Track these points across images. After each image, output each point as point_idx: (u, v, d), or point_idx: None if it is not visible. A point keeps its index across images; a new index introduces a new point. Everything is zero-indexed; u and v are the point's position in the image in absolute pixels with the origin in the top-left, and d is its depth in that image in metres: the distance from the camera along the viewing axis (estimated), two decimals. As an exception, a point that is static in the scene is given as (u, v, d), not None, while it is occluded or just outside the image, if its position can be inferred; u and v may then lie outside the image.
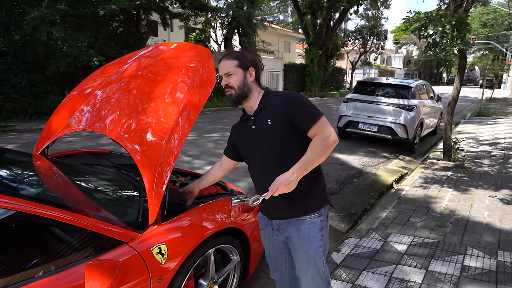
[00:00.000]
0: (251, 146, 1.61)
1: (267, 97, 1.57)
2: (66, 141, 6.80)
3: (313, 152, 1.40)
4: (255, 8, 15.07)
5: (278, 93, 1.59)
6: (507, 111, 14.41)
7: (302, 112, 1.46)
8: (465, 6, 5.19)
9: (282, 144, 1.51)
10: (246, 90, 1.56)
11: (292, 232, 1.59)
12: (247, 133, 1.62)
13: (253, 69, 1.58)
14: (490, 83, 27.61)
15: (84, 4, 10.00)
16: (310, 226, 1.57)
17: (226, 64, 1.56)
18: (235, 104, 1.57)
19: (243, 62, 1.55)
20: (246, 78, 1.56)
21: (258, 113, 1.56)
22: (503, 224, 3.42)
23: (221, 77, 1.58)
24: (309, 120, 1.44)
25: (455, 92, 5.71)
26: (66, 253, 1.38)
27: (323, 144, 1.39)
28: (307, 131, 1.45)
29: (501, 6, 29.36)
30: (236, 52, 1.60)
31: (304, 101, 1.50)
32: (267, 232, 1.73)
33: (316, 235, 1.57)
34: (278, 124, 1.49)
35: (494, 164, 5.78)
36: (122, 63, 2.51)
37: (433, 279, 2.47)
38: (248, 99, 1.57)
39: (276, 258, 1.77)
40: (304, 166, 1.38)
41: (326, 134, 1.40)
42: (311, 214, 1.57)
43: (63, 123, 2.32)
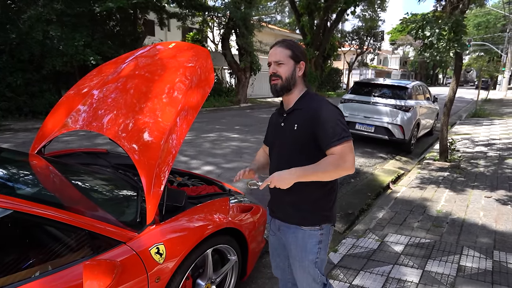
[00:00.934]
0: (275, 140, 1.62)
1: (305, 99, 1.53)
2: (63, 140, 6.76)
3: (321, 167, 1.35)
4: (252, 8, 15.04)
5: (316, 99, 1.51)
6: (502, 112, 14.52)
7: (329, 128, 1.39)
8: (461, 8, 5.22)
9: (298, 152, 1.49)
10: (292, 84, 1.51)
11: (290, 238, 1.58)
12: (276, 126, 1.62)
13: (304, 64, 1.53)
14: (485, 84, 27.81)
15: (81, 3, 9.94)
16: (309, 237, 1.55)
17: (278, 52, 1.50)
18: (278, 95, 1.53)
19: (296, 54, 1.50)
20: (295, 71, 1.51)
21: (291, 113, 1.54)
22: (498, 225, 3.45)
23: (269, 64, 1.53)
24: (333, 139, 1.37)
25: (451, 93, 5.75)
26: (63, 253, 1.37)
27: (335, 167, 1.34)
28: (327, 148, 1.39)
29: (495, 8, 29.57)
30: (291, 42, 1.53)
31: (335, 118, 1.41)
32: (271, 228, 1.74)
33: (314, 247, 1.55)
34: (302, 133, 1.47)
35: (490, 165, 5.83)
36: (119, 63, 2.50)
37: (429, 279, 2.49)
38: (290, 93, 1.53)
39: (279, 254, 1.76)
40: (305, 174, 1.35)
41: (343, 159, 1.34)
42: (312, 227, 1.54)
43: (59, 123, 2.31)
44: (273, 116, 1.71)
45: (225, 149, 6.77)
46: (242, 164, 5.65)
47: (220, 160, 5.86)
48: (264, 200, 4.10)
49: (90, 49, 9.74)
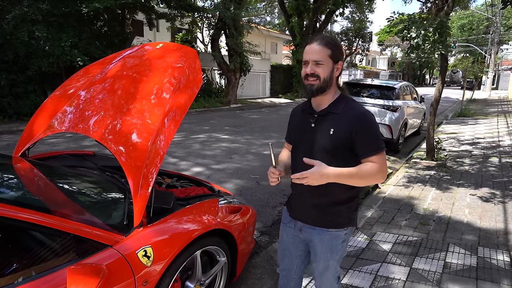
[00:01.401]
0: (302, 140, 1.53)
1: (341, 103, 1.46)
2: (48, 142, 6.64)
3: (361, 172, 1.34)
4: (242, 9, 15.06)
5: (355, 106, 1.46)
6: (486, 111, 14.86)
7: (370, 137, 1.39)
8: (446, 9, 5.33)
9: (329, 156, 1.43)
10: (329, 85, 1.44)
11: (316, 239, 1.57)
12: (304, 126, 1.53)
13: (341, 64, 1.46)
14: (470, 85, 28.41)
15: (67, 3, 9.78)
16: (334, 238, 1.55)
17: (318, 51, 1.39)
18: (312, 95, 1.45)
19: (335, 53, 1.41)
20: (333, 71, 1.43)
21: (324, 115, 1.46)
22: (483, 222, 3.53)
23: (306, 62, 1.42)
24: (373, 149, 1.38)
25: (437, 93, 5.86)
26: (48, 257, 1.34)
27: (372, 176, 1.35)
28: (364, 157, 1.39)
29: (478, 10, 30.26)
30: (331, 40, 1.43)
31: (376, 127, 1.42)
32: (288, 227, 1.69)
33: (338, 246, 1.56)
34: (339, 138, 1.41)
35: (475, 163, 5.96)
36: (107, 63, 2.47)
37: (416, 276, 2.52)
38: (325, 94, 1.45)
39: (291, 253, 1.72)
40: (343, 177, 1.33)
41: (381, 168, 1.37)
42: (338, 229, 1.54)
43: (44, 124, 2.27)
44: (297, 113, 1.62)
45: (215, 150, 6.75)
46: (232, 165, 5.65)
47: (209, 161, 5.85)
48: (254, 201, 4.13)
49: (77, 49, 9.59)
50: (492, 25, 28.29)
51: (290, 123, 1.68)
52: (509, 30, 33.46)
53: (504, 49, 43.05)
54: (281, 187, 4.61)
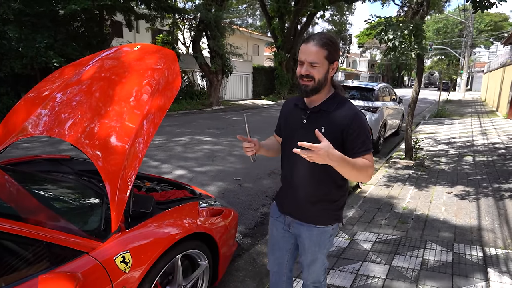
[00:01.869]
0: (293, 135, 1.52)
1: (334, 101, 1.46)
2: (23, 147, 6.41)
3: (357, 164, 1.34)
4: (223, 10, 15.04)
5: (348, 105, 1.46)
6: (461, 112, 15.42)
7: (361, 138, 1.41)
8: (421, 13, 5.50)
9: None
10: (324, 85, 1.44)
11: (304, 234, 1.61)
12: (296, 121, 1.54)
13: (337, 64, 1.44)
14: (446, 86, 29.39)
15: (41, 2, 9.48)
16: (322, 233, 1.59)
17: (314, 52, 1.37)
18: (307, 96, 1.45)
19: (332, 54, 1.40)
20: (328, 72, 1.42)
21: (317, 112, 1.47)
22: (458, 219, 3.65)
23: (301, 62, 1.40)
24: (364, 148, 1.41)
25: (415, 94, 6.02)
26: (20, 267, 1.29)
27: (366, 169, 1.37)
28: (356, 156, 1.39)
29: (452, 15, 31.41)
30: (327, 40, 1.39)
31: (367, 127, 1.45)
32: (277, 221, 1.71)
33: (325, 240, 1.61)
34: (329, 136, 1.37)
35: (451, 162, 6.16)
36: (83, 65, 2.40)
37: (396, 274, 2.58)
38: (319, 93, 1.45)
39: (280, 248, 1.75)
40: (345, 162, 1.29)
41: (371, 166, 1.40)
42: (326, 226, 1.58)
43: (17, 128, 2.18)
44: (289, 108, 1.62)
45: (197, 152, 6.69)
46: (214, 168, 5.61)
47: (192, 164, 5.79)
48: (236, 203, 4.12)
49: (53, 50, 9.32)
50: (465, 28, 29.43)
51: (281, 116, 1.67)
52: (481, 33, 34.91)
53: (477, 52, 44.90)
54: (263, 189, 4.62)
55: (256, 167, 5.56)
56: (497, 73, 17.36)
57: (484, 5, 4.58)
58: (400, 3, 7.28)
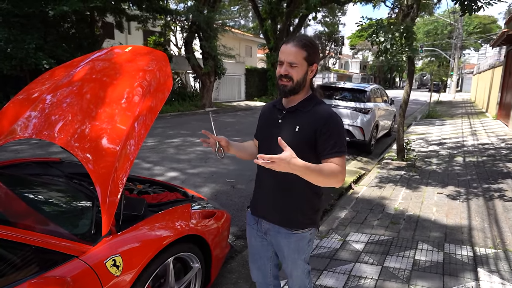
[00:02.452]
0: (268, 134, 1.53)
1: (311, 102, 1.47)
2: (12, 149, 6.30)
3: (324, 170, 1.31)
4: (215, 12, 15.02)
5: (323, 107, 1.46)
6: (452, 113, 15.63)
7: (333, 139, 1.38)
8: (411, 15, 5.56)
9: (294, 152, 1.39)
10: (302, 86, 1.44)
11: (282, 242, 1.57)
12: (272, 121, 1.54)
13: (316, 66, 1.45)
14: (437, 87, 29.78)
15: (31, 3, 9.36)
16: (300, 240, 1.55)
17: (293, 53, 1.38)
18: (285, 96, 1.46)
19: (311, 56, 1.41)
20: (307, 73, 1.43)
21: (292, 112, 1.47)
22: (449, 219, 3.69)
23: (281, 63, 1.41)
24: (334, 150, 1.37)
25: (406, 95, 6.09)
26: (7, 272, 1.26)
27: (334, 176, 1.32)
28: (324, 158, 1.38)
29: (442, 17, 31.87)
30: (307, 41, 1.41)
31: (341, 129, 1.43)
32: (254, 230, 1.67)
33: (304, 246, 1.57)
34: (303, 136, 1.42)
35: (441, 163, 6.23)
36: (74, 66, 2.38)
37: (388, 274, 2.60)
38: (297, 94, 1.46)
39: (261, 257, 1.70)
40: (309, 170, 1.26)
41: (341, 171, 1.35)
42: (303, 230, 1.54)
43: (5, 130, 2.14)
44: (267, 109, 1.63)
45: (190, 154, 6.66)
46: (207, 169, 5.59)
47: (184, 166, 5.76)
48: (229, 205, 4.10)
49: (43, 52, 9.21)
50: (455, 31, 29.88)
51: (259, 120, 1.68)
52: (470, 35, 35.48)
53: (467, 54, 45.61)
54: (257, 190, 4.62)
55: (249, 168, 5.56)
56: (486, 74, 17.66)
57: (472, 8, 4.66)
58: (391, 5, 7.36)
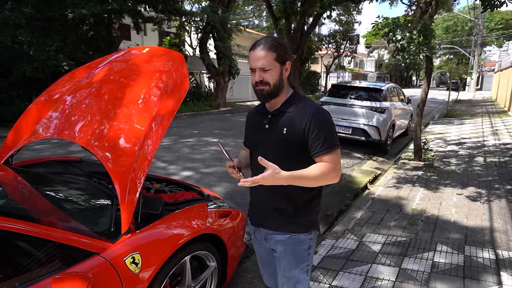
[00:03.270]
0: (257, 141, 1.49)
1: (293, 101, 1.43)
2: (34, 149, 6.51)
3: (312, 173, 1.30)
4: (230, 12, 15.09)
5: (307, 103, 1.42)
6: (471, 112, 15.19)
7: (322, 134, 1.35)
8: (430, 12, 5.44)
9: (286, 156, 1.39)
10: (280, 88, 1.40)
11: (279, 245, 1.50)
12: (258, 127, 1.49)
13: (289, 63, 1.40)
14: (455, 86, 29.02)
15: (52, 7, 9.64)
16: (298, 243, 1.48)
17: (262, 56, 1.34)
18: (266, 101, 1.42)
19: (281, 55, 1.37)
20: (282, 73, 1.39)
21: (277, 115, 1.43)
22: (469, 220, 3.59)
23: (253, 70, 1.38)
24: (325, 147, 1.34)
25: (423, 94, 5.96)
26: (33, 267, 1.31)
27: (325, 175, 1.32)
28: (316, 156, 1.36)
29: (461, 13, 31.03)
30: (273, 42, 1.37)
31: (329, 124, 1.39)
32: (256, 238, 1.63)
33: (304, 253, 1.49)
34: (291, 138, 1.38)
35: (461, 163, 6.07)
36: (93, 68, 2.44)
37: (405, 276, 2.55)
38: (278, 96, 1.41)
39: (270, 263, 1.64)
40: (296, 179, 1.28)
41: (334, 167, 1.34)
42: (301, 234, 1.47)
43: (29, 130, 2.22)
44: (252, 115, 1.59)
45: (204, 153, 6.72)
46: (221, 169, 5.62)
47: (199, 165, 5.81)
48: (244, 204, 4.11)
49: (63, 54, 9.45)
50: (475, 27, 29.03)
51: (246, 128, 1.63)
52: (491, 32, 34.39)
53: (487, 51, 44.24)
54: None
55: (264, 168, 5.55)
56: (509, 72, 17.07)
57: (494, 4, 4.51)
58: (408, 2, 7.21)
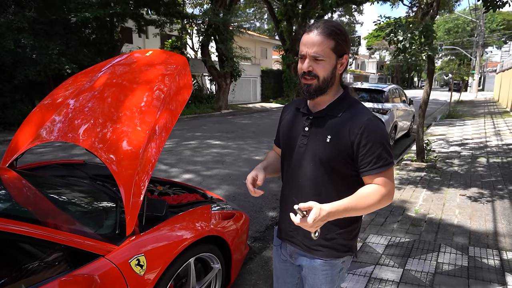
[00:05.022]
0: (293, 145, 1.27)
1: (343, 105, 1.20)
2: (37, 152, 6.54)
3: (363, 202, 1.11)
4: (231, 14, 15.16)
5: (359, 110, 1.18)
6: (473, 113, 15.16)
7: (375, 150, 1.12)
8: (431, 13, 5.44)
9: (323, 168, 1.19)
10: (330, 84, 1.17)
11: (308, 268, 1.33)
12: (296, 128, 1.27)
13: (347, 57, 1.17)
14: (457, 87, 28.99)
15: (54, 11, 9.71)
16: (330, 268, 1.30)
17: (318, 43, 1.10)
18: (310, 97, 1.19)
19: (341, 46, 1.13)
20: (336, 68, 1.16)
21: (321, 118, 1.20)
22: (473, 221, 3.58)
23: (302, 56, 1.14)
24: (378, 164, 1.12)
25: (425, 95, 5.95)
26: (39, 269, 1.32)
27: (379, 201, 1.12)
28: (366, 175, 1.15)
29: (463, 14, 31.02)
30: (334, 28, 1.12)
31: (383, 138, 1.15)
32: (278, 252, 1.45)
33: (335, 276, 1.32)
34: (336, 149, 1.16)
35: (463, 164, 6.05)
36: (96, 72, 2.46)
37: (409, 277, 2.54)
38: (325, 94, 1.19)
39: (286, 282, 1.47)
40: (343, 211, 1.09)
41: (387, 191, 1.13)
42: (334, 259, 1.29)
43: (32, 134, 2.23)
44: (290, 112, 1.35)
45: (206, 156, 6.73)
46: (223, 171, 5.63)
47: (200, 168, 5.82)
48: (246, 206, 4.12)
49: (65, 57, 9.51)
50: (477, 28, 29.00)
51: (280, 123, 1.40)
52: (493, 33, 34.33)
53: (489, 52, 44.19)
54: (274, 192, 4.62)
55: (266, 170, 5.56)
56: (511, 72, 17.03)
57: (496, 4, 4.52)
58: (410, 3, 7.22)
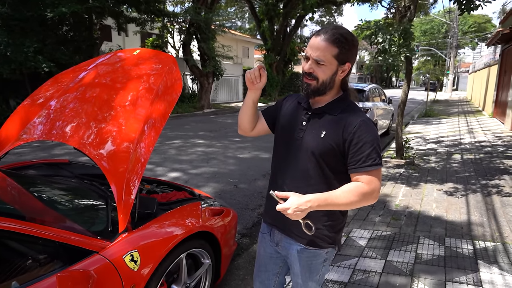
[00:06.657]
0: (290, 136, 1.33)
1: (340, 104, 1.28)
2: (15, 152, 6.33)
3: (345, 197, 1.16)
4: (213, 13, 15.10)
5: (354, 111, 1.26)
6: (448, 112, 15.77)
7: (365, 149, 1.18)
8: (408, 16, 5.65)
9: (316, 160, 1.25)
10: (328, 88, 1.24)
11: (293, 256, 1.38)
12: (295, 121, 1.34)
13: (349, 65, 1.23)
14: (433, 86, 30.02)
15: (30, 7, 9.39)
16: (314, 257, 1.36)
17: (321, 48, 1.17)
18: (308, 96, 1.28)
19: (343, 54, 1.19)
20: (336, 74, 1.23)
21: (319, 114, 1.28)
22: (449, 214, 3.77)
23: (307, 57, 1.22)
24: (365, 163, 1.18)
25: (404, 95, 6.17)
26: (34, 266, 1.33)
27: (361, 198, 1.17)
28: (353, 172, 1.21)
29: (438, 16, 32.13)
30: (340, 36, 1.18)
31: (375, 139, 1.20)
32: (267, 239, 1.49)
33: (318, 266, 1.38)
34: (328, 145, 1.23)
35: (440, 160, 6.32)
36: (78, 72, 2.42)
37: (391, 268, 2.67)
38: (323, 95, 1.27)
39: (267, 270, 1.52)
40: (325, 204, 1.14)
41: (371, 190, 1.18)
42: (319, 249, 1.35)
43: (14, 135, 2.19)
44: (291, 103, 1.41)
45: (191, 155, 6.72)
46: (209, 170, 5.65)
47: (186, 166, 5.82)
48: (233, 204, 4.16)
49: (42, 55, 9.22)
50: (450, 30, 30.12)
51: (280, 110, 1.44)
52: (465, 34, 35.76)
53: (462, 53, 45.98)
54: (259, 189, 4.69)
55: (251, 168, 5.63)
56: (482, 73, 17.82)
57: (470, 7, 4.75)
58: (388, 5, 7.45)
